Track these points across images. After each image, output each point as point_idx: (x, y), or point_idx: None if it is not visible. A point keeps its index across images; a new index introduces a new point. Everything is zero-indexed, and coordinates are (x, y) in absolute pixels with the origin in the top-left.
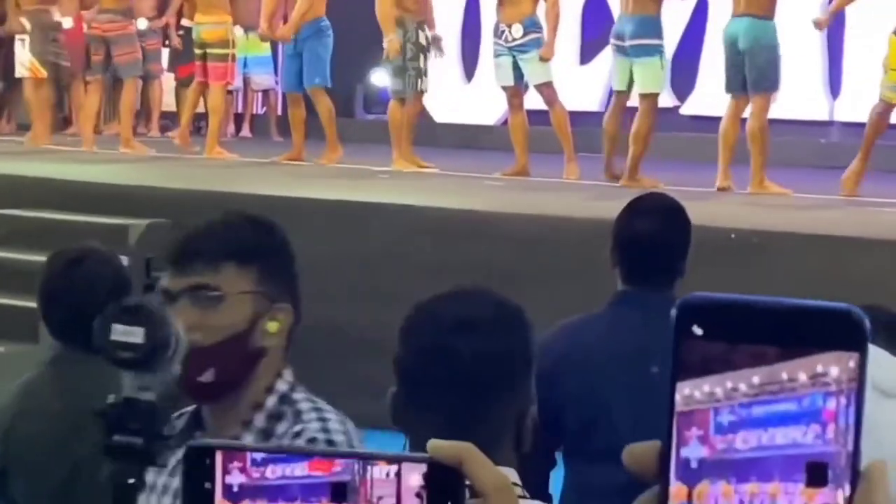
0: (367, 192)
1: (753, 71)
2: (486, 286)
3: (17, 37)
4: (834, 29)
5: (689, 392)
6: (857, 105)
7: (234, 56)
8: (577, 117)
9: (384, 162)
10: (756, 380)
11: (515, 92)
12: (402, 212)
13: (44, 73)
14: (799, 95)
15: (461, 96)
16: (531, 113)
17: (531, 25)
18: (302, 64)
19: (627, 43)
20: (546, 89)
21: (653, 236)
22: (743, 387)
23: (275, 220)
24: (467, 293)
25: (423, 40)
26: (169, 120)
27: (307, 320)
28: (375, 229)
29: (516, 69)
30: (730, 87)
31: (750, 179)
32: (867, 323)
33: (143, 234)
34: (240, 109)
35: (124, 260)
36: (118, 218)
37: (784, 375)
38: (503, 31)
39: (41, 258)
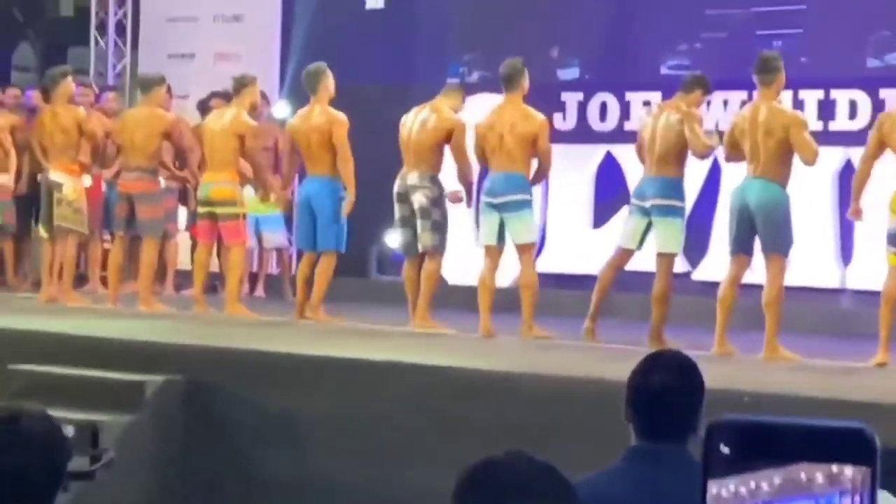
0: (383, 351)
1: (766, 231)
2: (522, 449)
3: None
4: (845, 197)
5: (716, 491)
6: (868, 273)
7: (244, 214)
8: (590, 281)
9: (399, 322)
10: (777, 480)
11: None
12: (418, 371)
13: (45, 234)
14: (810, 263)
15: (474, 257)
16: (543, 275)
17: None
18: (316, 223)
19: (649, 203)
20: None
21: (667, 392)
22: (765, 486)
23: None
24: (520, 457)
25: (437, 194)
26: (183, 278)
27: (322, 478)
28: (391, 388)
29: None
30: (734, 247)
31: (764, 349)
32: (877, 440)
33: (159, 389)
34: (254, 269)
35: (69, 430)
36: (134, 374)
37: (803, 476)
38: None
39: (56, 414)
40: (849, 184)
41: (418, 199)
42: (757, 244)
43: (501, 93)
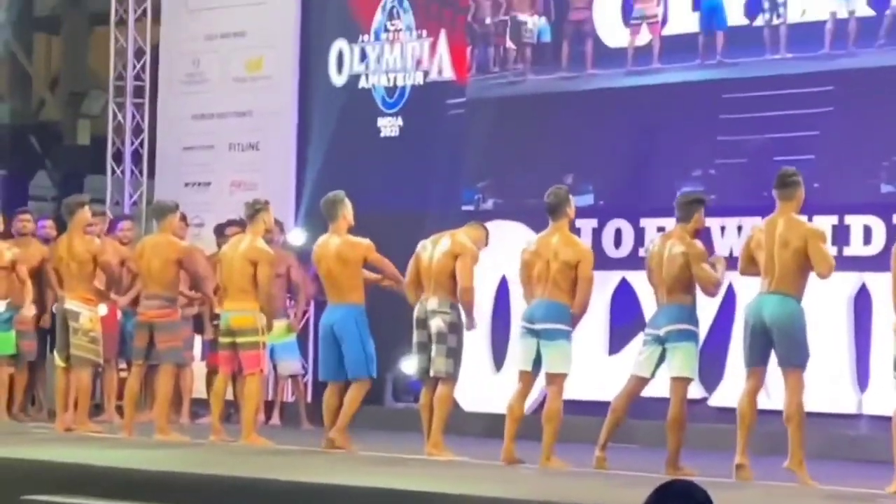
0: (400, 480)
1: (783, 346)
2: None
3: None
4: (860, 322)
5: None
6: (885, 398)
7: (264, 343)
8: (606, 407)
9: (415, 451)
10: None
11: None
12: (435, 500)
13: (62, 364)
14: (826, 388)
15: (490, 385)
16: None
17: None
18: (340, 352)
19: (663, 330)
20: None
21: None
22: None
23: None
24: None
25: (457, 319)
26: (199, 407)
27: None
28: None
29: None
30: (750, 361)
31: (788, 459)
32: None
33: None
34: (270, 397)
35: None
36: None
37: None
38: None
39: None
40: (864, 309)
41: (436, 324)
42: (773, 359)
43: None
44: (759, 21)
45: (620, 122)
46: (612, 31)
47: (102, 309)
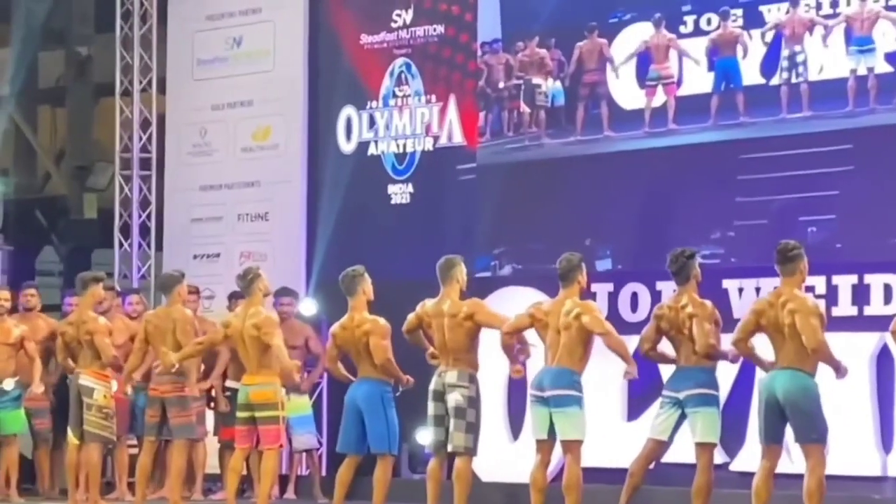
0: None
1: (797, 422)
2: None
3: None
4: (882, 382)
5: None
6: None
7: (284, 418)
8: (624, 474)
9: None
10: None
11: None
12: None
13: (75, 440)
14: (849, 450)
15: (508, 454)
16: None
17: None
18: (363, 425)
19: (683, 394)
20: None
21: None
22: None
23: None
24: None
25: (475, 394)
26: (212, 482)
27: None
28: None
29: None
30: (766, 439)
31: None
32: None
33: None
34: (284, 470)
35: None
36: None
37: None
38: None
39: None
40: (886, 368)
41: (454, 398)
42: (790, 434)
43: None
44: (776, 80)
45: (638, 185)
46: (627, 92)
47: (115, 385)
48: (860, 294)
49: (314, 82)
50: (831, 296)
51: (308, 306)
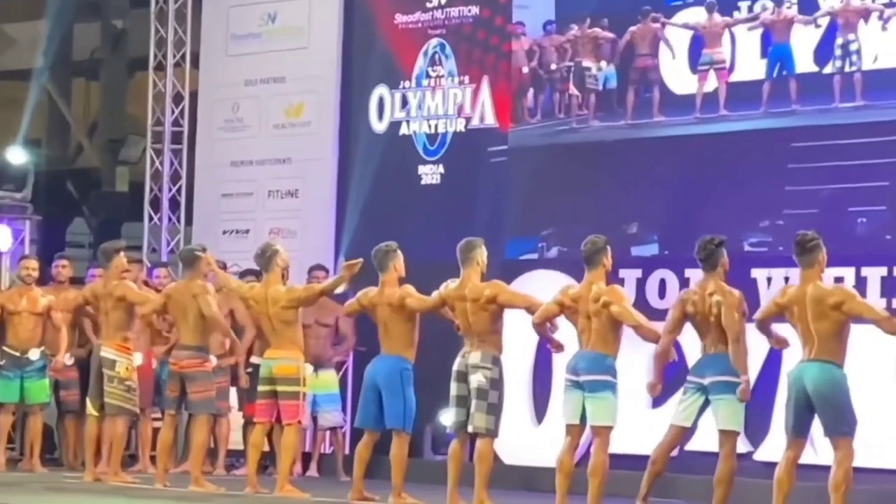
0: None
1: (826, 415)
2: None
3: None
4: None
5: None
6: None
7: (305, 395)
8: (647, 462)
9: None
10: None
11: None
12: None
13: (94, 412)
14: (876, 443)
15: (531, 438)
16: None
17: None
18: (381, 401)
19: (707, 380)
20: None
21: None
22: None
23: None
24: None
25: (498, 375)
26: (235, 458)
27: None
28: None
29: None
30: (793, 431)
31: None
32: None
33: None
34: (307, 448)
35: None
36: None
37: None
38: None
39: None
40: None
41: (477, 379)
42: (818, 427)
43: (580, 267)
44: (829, 68)
45: (686, 171)
46: (679, 77)
47: (138, 358)
48: None
49: (348, 60)
50: (887, 288)
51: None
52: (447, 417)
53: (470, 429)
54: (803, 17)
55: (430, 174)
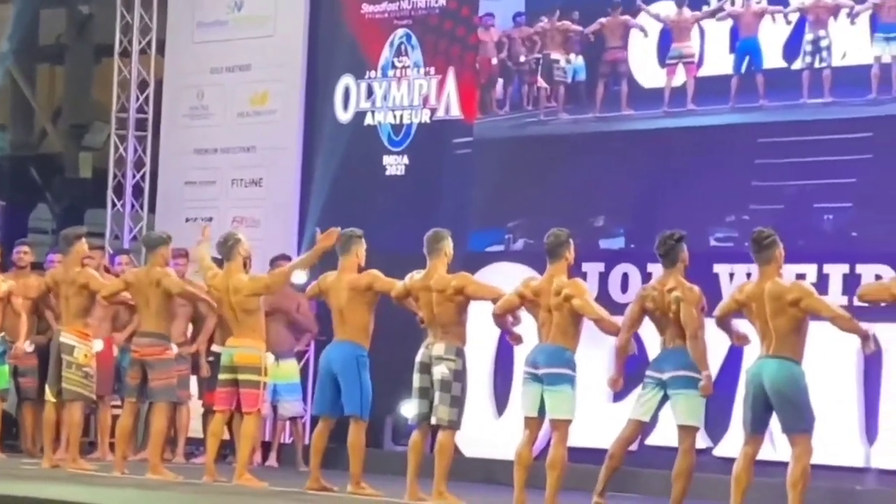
0: None
1: (784, 411)
2: None
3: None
4: (870, 373)
5: None
6: (893, 452)
7: (265, 384)
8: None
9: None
10: None
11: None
12: None
13: (52, 398)
14: (832, 441)
15: (491, 431)
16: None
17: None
18: (339, 389)
19: (666, 375)
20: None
21: None
22: None
23: None
24: None
25: (461, 367)
26: (194, 446)
27: None
28: None
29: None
30: (751, 428)
31: None
32: None
33: None
34: (267, 438)
35: None
36: None
37: None
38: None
39: None
40: (873, 360)
41: (440, 371)
42: (777, 424)
43: (544, 264)
44: (798, 64)
45: (654, 165)
46: (647, 71)
47: (98, 344)
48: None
49: (314, 49)
50: (849, 286)
51: (299, 275)
52: (409, 409)
53: (433, 421)
54: (772, 9)
55: (394, 165)
